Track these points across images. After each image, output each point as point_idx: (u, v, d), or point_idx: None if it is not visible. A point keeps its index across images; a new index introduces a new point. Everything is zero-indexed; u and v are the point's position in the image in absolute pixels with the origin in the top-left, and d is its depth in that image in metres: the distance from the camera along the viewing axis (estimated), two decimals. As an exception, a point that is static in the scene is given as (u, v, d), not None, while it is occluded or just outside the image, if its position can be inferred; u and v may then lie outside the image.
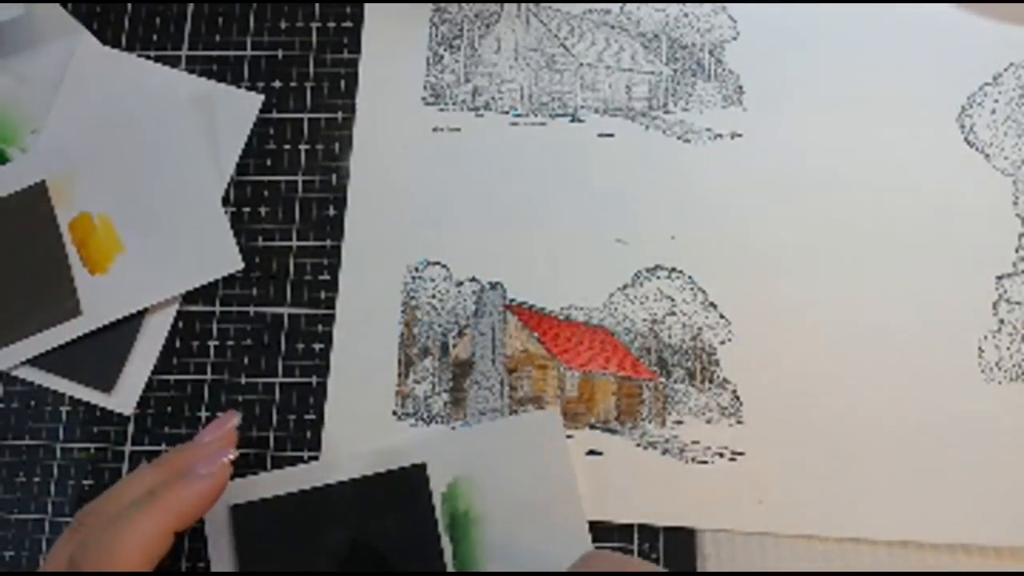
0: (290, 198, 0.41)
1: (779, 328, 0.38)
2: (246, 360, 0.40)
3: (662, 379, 0.38)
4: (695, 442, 0.37)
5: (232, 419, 0.35)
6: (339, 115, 0.42)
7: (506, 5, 0.42)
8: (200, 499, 0.32)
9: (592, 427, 0.38)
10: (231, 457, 0.33)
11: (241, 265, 0.40)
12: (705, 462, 0.37)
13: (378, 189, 0.41)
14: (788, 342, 0.38)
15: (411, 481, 0.37)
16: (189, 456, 0.34)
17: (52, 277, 0.41)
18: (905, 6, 0.41)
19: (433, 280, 0.40)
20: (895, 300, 0.38)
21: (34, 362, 0.40)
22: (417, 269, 0.40)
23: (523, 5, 0.42)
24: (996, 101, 0.40)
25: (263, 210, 0.41)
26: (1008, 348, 0.37)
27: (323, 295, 0.40)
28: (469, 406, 0.38)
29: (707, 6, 0.41)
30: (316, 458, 0.38)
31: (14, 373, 0.41)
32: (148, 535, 0.30)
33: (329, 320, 0.40)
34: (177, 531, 0.31)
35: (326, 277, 0.40)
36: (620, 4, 0.42)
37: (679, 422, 0.37)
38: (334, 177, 0.41)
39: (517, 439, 0.37)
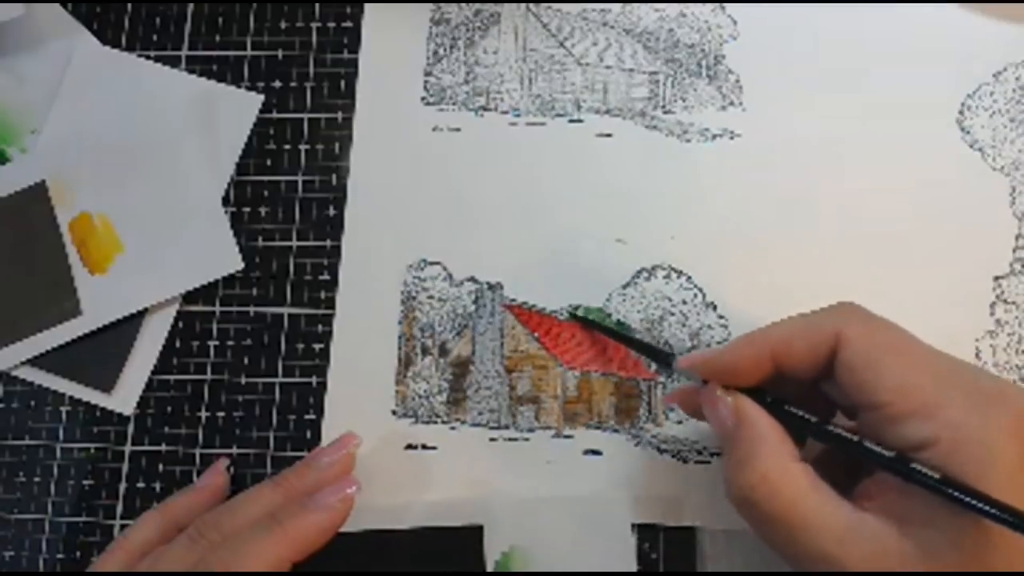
0: (290, 198, 0.41)
1: (778, 328, 0.38)
2: (246, 360, 0.40)
3: (661, 379, 0.38)
4: (694, 442, 0.37)
5: (351, 443, 0.36)
6: (339, 115, 0.42)
7: (506, 5, 0.42)
8: (322, 533, 0.32)
9: (591, 427, 0.38)
10: (355, 490, 0.33)
11: (241, 265, 0.40)
12: (705, 462, 0.37)
13: (378, 189, 0.41)
14: (787, 342, 0.38)
15: (465, 543, 0.36)
16: (310, 480, 0.34)
17: (52, 277, 0.41)
18: (904, 6, 0.41)
19: (433, 280, 0.40)
20: (893, 300, 0.37)
21: (34, 362, 0.40)
22: (417, 269, 0.40)
23: (523, 5, 0.42)
24: (995, 101, 0.40)
25: (263, 210, 0.41)
26: (1006, 349, 0.37)
27: (323, 295, 0.40)
28: (468, 406, 0.38)
29: (707, 6, 0.41)
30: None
31: (14, 373, 0.41)
32: (271, 564, 0.30)
33: (329, 320, 0.40)
34: (296, 562, 0.31)
35: (326, 277, 0.40)
36: (620, 4, 0.42)
37: (679, 422, 0.37)
38: (334, 177, 0.41)
39: (583, 518, 0.36)
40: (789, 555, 0.27)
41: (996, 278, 0.38)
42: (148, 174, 0.41)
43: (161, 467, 0.39)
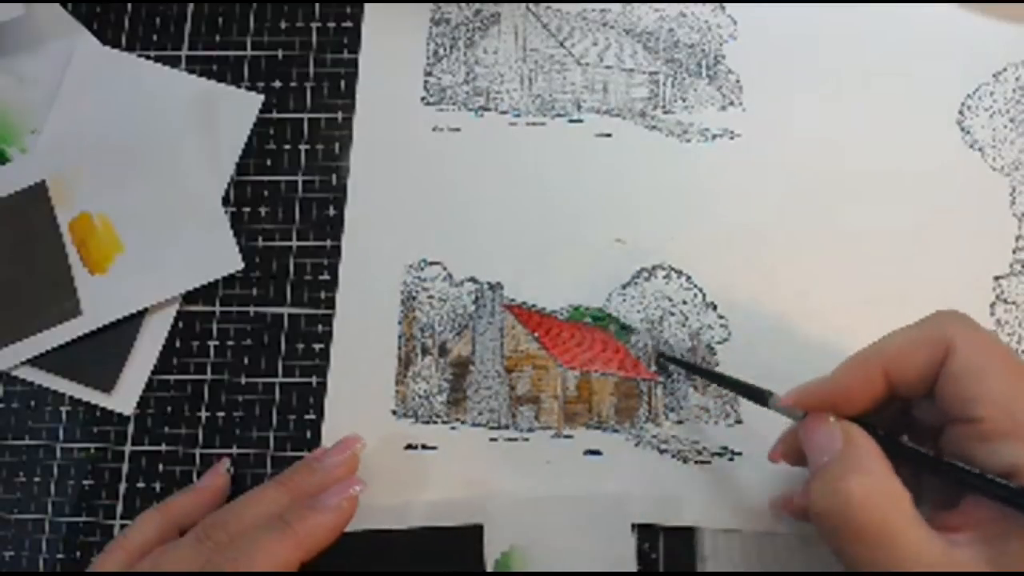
0: (290, 198, 0.41)
1: (778, 328, 0.38)
2: (246, 360, 0.40)
3: (661, 379, 0.38)
4: (695, 442, 0.37)
5: (355, 444, 0.36)
6: (339, 115, 0.42)
7: (506, 5, 0.42)
8: (329, 532, 0.32)
9: (591, 427, 0.38)
10: (359, 490, 0.33)
11: (241, 265, 0.40)
12: (705, 462, 0.37)
13: (378, 189, 0.41)
14: (787, 342, 0.38)
15: (465, 543, 0.36)
16: (315, 480, 0.35)
17: (52, 277, 0.41)
18: (905, 6, 0.41)
19: (433, 280, 0.40)
20: (893, 300, 0.38)
21: (34, 362, 0.40)
22: (417, 269, 0.40)
23: (523, 5, 0.42)
24: (995, 101, 0.40)
25: (263, 210, 0.41)
26: (1007, 348, 0.37)
27: (323, 295, 0.40)
28: (468, 406, 0.38)
29: (707, 6, 0.41)
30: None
31: (14, 373, 0.41)
32: (280, 564, 0.31)
33: (329, 320, 0.40)
34: (303, 562, 0.31)
35: (326, 277, 0.40)
36: (620, 4, 0.42)
37: (679, 422, 0.37)
38: (334, 177, 0.41)
39: (583, 518, 0.36)
40: (868, 570, 0.26)
41: (996, 278, 0.38)
42: (148, 174, 0.41)
43: (161, 467, 0.39)
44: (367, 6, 0.43)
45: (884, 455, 0.28)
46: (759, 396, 0.32)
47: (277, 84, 0.42)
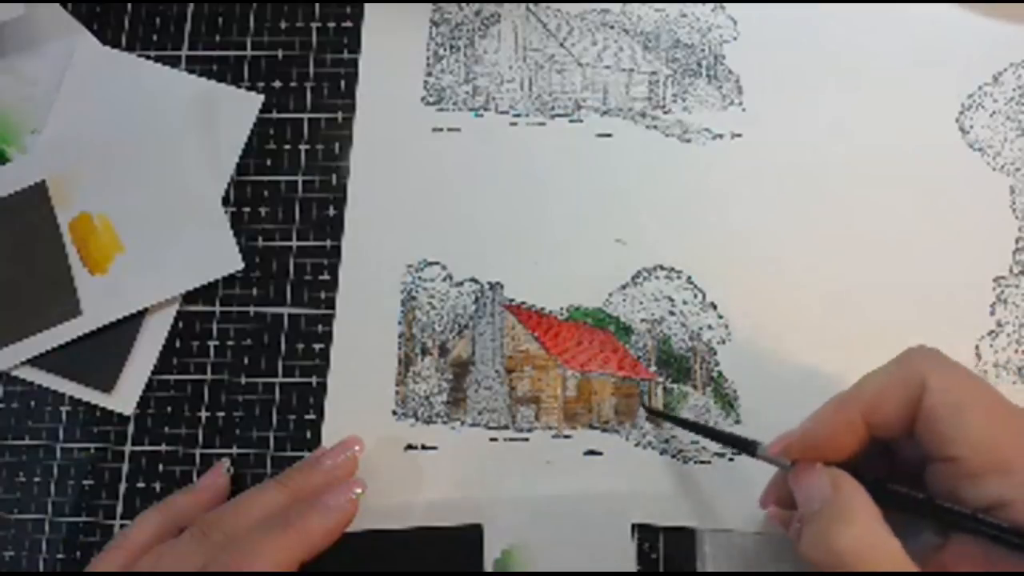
0: (290, 198, 0.41)
1: (778, 328, 0.38)
2: (246, 360, 0.40)
3: (661, 379, 0.38)
4: (695, 442, 0.37)
5: (354, 444, 0.36)
6: (339, 115, 0.42)
7: (506, 5, 0.42)
8: (331, 533, 0.32)
9: (591, 427, 0.38)
10: (360, 492, 0.33)
11: (241, 265, 0.40)
12: (705, 462, 0.37)
13: (378, 189, 0.41)
14: (787, 342, 0.38)
15: (464, 543, 0.36)
16: (315, 481, 0.35)
17: (52, 277, 0.41)
18: (905, 6, 0.41)
19: (433, 280, 0.40)
20: (893, 301, 0.38)
21: (34, 362, 0.40)
22: (417, 269, 0.40)
23: (523, 5, 0.42)
24: (995, 101, 0.40)
25: (263, 210, 0.41)
26: (1006, 350, 0.37)
27: (323, 295, 0.40)
28: (468, 406, 0.38)
29: (707, 6, 0.41)
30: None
31: (14, 373, 0.41)
32: (281, 564, 0.30)
33: (329, 320, 0.40)
34: (303, 562, 0.31)
35: (326, 277, 0.40)
36: (620, 4, 0.42)
37: (679, 422, 0.37)
38: (334, 177, 0.41)
39: (583, 518, 0.36)
40: None
41: (996, 279, 0.38)
42: (148, 174, 0.41)
43: (161, 467, 0.39)
44: (367, 6, 0.43)
45: (872, 502, 0.27)
46: (747, 447, 0.32)
47: (277, 84, 0.42)
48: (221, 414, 0.40)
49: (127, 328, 0.40)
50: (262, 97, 0.42)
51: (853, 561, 0.26)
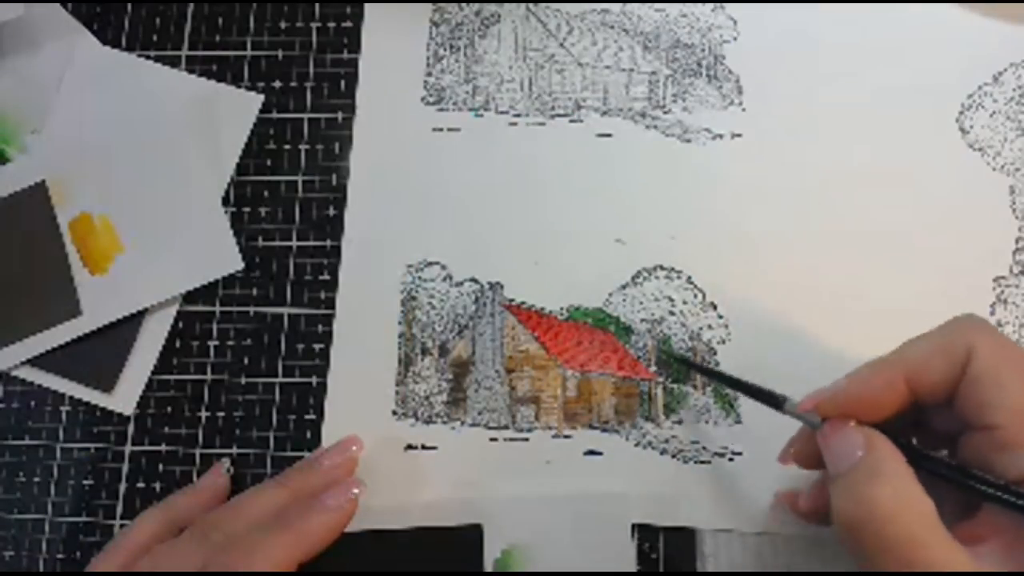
0: (290, 198, 0.41)
1: (778, 328, 0.38)
2: (246, 360, 0.40)
3: (661, 379, 0.38)
4: (694, 442, 0.37)
5: (353, 444, 0.36)
6: (339, 115, 0.42)
7: (506, 5, 0.42)
8: (329, 532, 0.32)
9: (591, 427, 0.38)
10: (359, 492, 0.33)
11: (241, 265, 0.40)
12: (705, 462, 0.37)
13: (378, 189, 0.41)
14: (787, 342, 0.38)
15: (464, 543, 0.36)
16: (314, 481, 0.35)
17: (52, 277, 0.41)
18: (905, 6, 0.41)
19: (433, 280, 0.40)
20: (893, 301, 0.38)
21: (34, 362, 0.40)
22: (417, 269, 0.40)
23: (523, 5, 0.42)
24: (996, 101, 0.40)
25: (263, 210, 0.41)
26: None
27: (323, 295, 0.40)
28: (468, 406, 0.38)
29: (707, 6, 0.41)
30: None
31: (14, 373, 0.41)
32: (280, 564, 0.31)
33: (329, 320, 0.40)
34: (302, 562, 0.31)
35: (326, 277, 0.40)
36: (620, 4, 0.42)
37: (678, 422, 0.37)
38: (334, 177, 0.41)
39: (583, 518, 0.36)
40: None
41: (996, 279, 0.38)
42: (148, 174, 0.41)
43: (161, 467, 0.39)
44: (367, 6, 0.43)
45: (906, 463, 0.27)
46: (773, 401, 0.32)
47: (277, 84, 0.42)
48: (221, 414, 0.40)
49: (127, 328, 0.40)
50: (262, 97, 0.42)
51: (885, 516, 0.26)
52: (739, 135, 0.40)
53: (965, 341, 0.27)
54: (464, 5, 0.42)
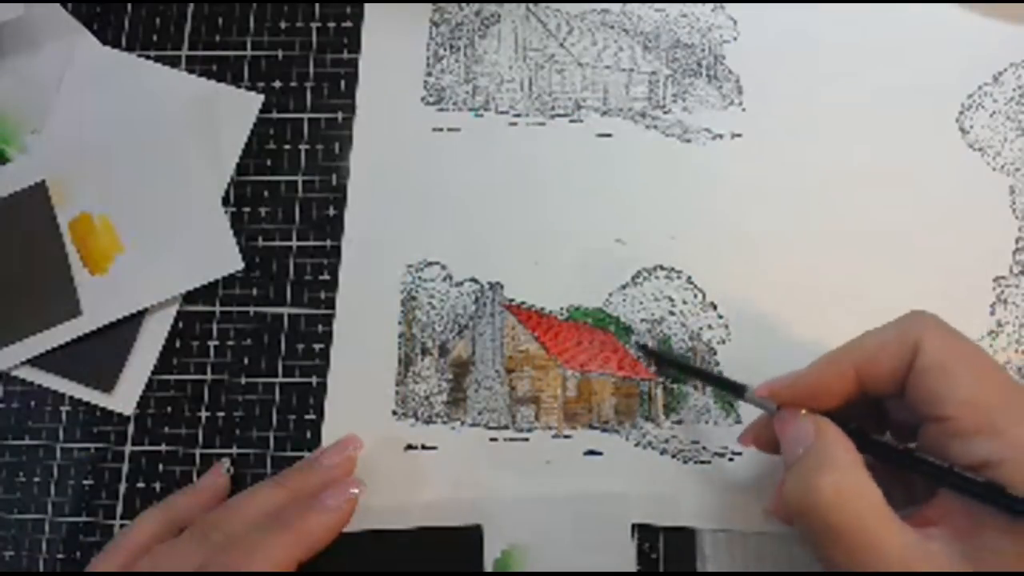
0: (290, 198, 0.41)
1: (778, 328, 0.38)
2: (246, 360, 0.40)
3: (661, 379, 0.38)
4: (694, 442, 0.37)
5: (352, 444, 0.36)
6: (339, 115, 0.42)
7: (506, 5, 0.42)
8: (328, 532, 0.32)
9: (591, 427, 0.38)
10: (358, 492, 0.33)
11: (241, 265, 0.40)
12: (705, 462, 0.37)
13: (378, 189, 0.41)
14: (787, 342, 0.38)
15: (464, 543, 0.36)
16: (313, 480, 0.35)
17: (52, 277, 0.41)
18: (905, 6, 0.41)
19: (433, 280, 0.40)
20: (893, 301, 0.37)
21: (34, 362, 0.40)
22: (417, 269, 0.40)
23: (523, 5, 0.42)
24: (996, 101, 0.40)
25: (263, 210, 0.41)
26: (1006, 350, 0.37)
27: (323, 295, 0.40)
28: (468, 406, 0.38)
29: (707, 6, 0.41)
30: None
31: (14, 373, 0.41)
32: (280, 564, 0.31)
33: (329, 320, 0.40)
34: (302, 562, 0.31)
35: (326, 277, 0.40)
36: (620, 4, 0.42)
37: (679, 422, 0.37)
38: (334, 177, 0.41)
39: (583, 518, 0.36)
40: (842, 569, 0.26)
41: (996, 279, 0.38)
42: (148, 174, 0.41)
43: (161, 467, 0.39)
44: (367, 6, 0.43)
45: (854, 448, 0.28)
46: (735, 389, 0.33)
47: (277, 84, 0.42)
48: (221, 414, 0.40)
49: (127, 328, 0.40)
50: (262, 97, 0.42)
51: (830, 506, 0.26)
52: (739, 135, 0.40)
53: (913, 336, 0.28)
54: (464, 5, 0.42)
